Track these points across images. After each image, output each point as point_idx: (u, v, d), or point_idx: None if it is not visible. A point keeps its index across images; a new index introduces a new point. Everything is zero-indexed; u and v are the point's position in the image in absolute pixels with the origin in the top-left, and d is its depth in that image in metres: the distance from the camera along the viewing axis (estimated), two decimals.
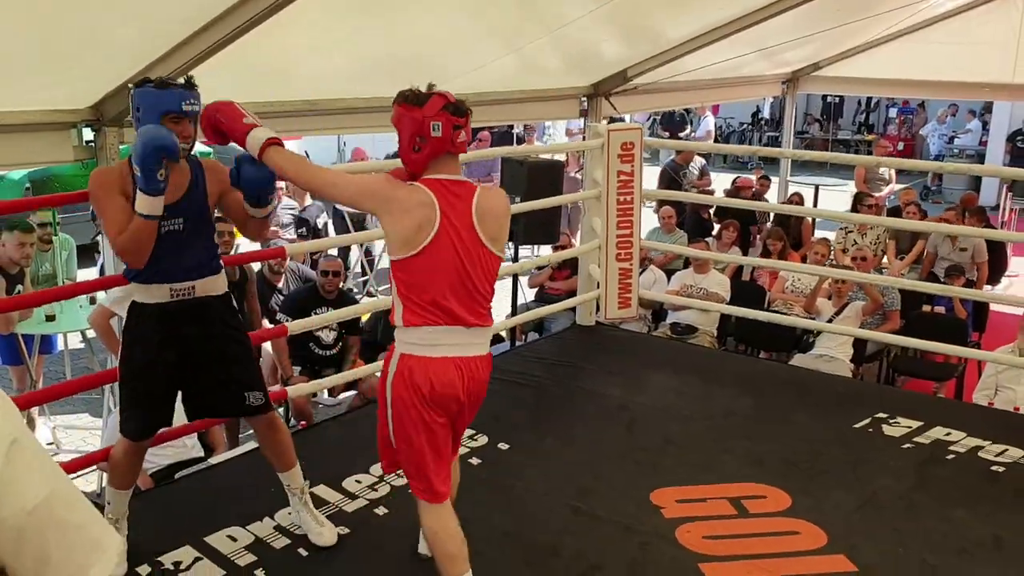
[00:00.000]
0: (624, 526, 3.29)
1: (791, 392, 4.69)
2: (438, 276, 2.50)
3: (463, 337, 2.54)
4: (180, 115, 2.73)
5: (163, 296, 2.80)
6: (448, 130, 2.50)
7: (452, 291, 2.51)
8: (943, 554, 3.16)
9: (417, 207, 2.47)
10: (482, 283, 2.58)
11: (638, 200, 5.07)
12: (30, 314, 5.09)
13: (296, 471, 3.10)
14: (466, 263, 2.52)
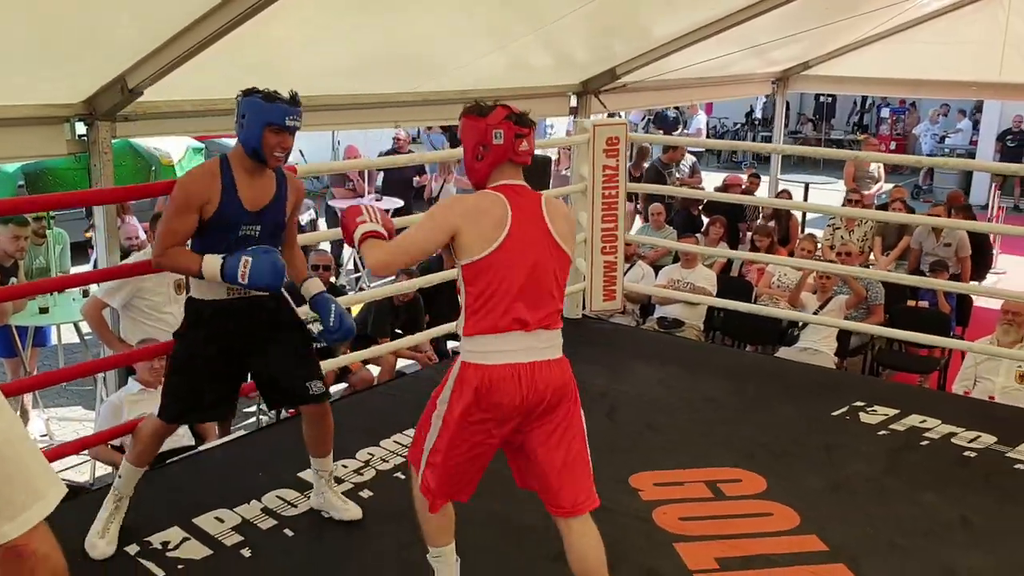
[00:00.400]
0: (603, 508, 3.34)
1: (772, 382, 4.78)
2: (511, 275, 2.47)
3: (529, 342, 2.50)
4: (282, 128, 2.84)
5: (220, 294, 2.93)
6: (510, 138, 2.52)
7: (522, 292, 2.48)
8: (911, 535, 3.25)
9: (490, 207, 2.49)
10: (556, 282, 2.57)
11: (623, 194, 5.17)
12: (24, 306, 5.17)
13: (329, 458, 3.23)
14: (541, 260, 2.51)
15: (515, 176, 2.58)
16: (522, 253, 2.47)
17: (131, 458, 3.10)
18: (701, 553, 3.08)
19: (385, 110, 6.16)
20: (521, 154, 2.55)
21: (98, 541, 3.01)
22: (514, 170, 2.58)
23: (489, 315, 2.47)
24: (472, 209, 2.48)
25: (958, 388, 5.34)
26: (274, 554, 3.04)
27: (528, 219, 2.51)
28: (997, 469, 3.79)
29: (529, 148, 2.58)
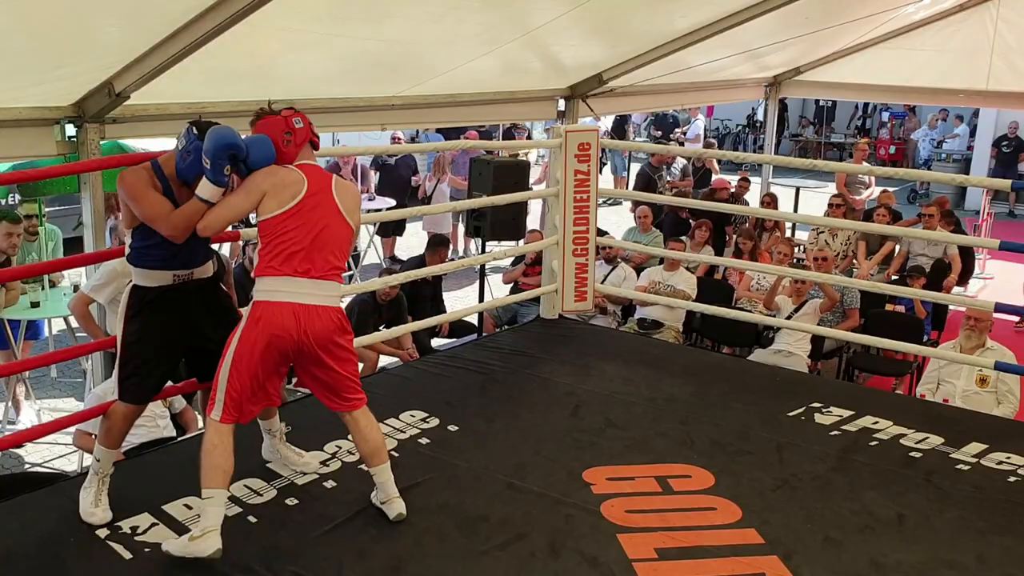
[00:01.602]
0: (553, 499, 3.54)
1: (734, 382, 4.92)
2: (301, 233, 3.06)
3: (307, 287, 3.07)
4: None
5: (165, 280, 3.23)
6: (306, 123, 3.20)
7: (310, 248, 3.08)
8: (847, 531, 3.40)
9: (292, 183, 3.09)
10: (339, 245, 3.17)
11: (594, 198, 5.32)
12: (16, 300, 5.36)
13: (276, 417, 3.67)
14: (329, 226, 3.12)
15: (312, 157, 3.23)
16: (310, 218, 3.07)
17: (102, 441, 3.32)
18: (642, 544, 3.23)
19: (371, 113, 6.31)
20: (315, 135, 3.25)
21: (95, 510, 3.25)
22: (310, 151, 3.22)
23: (273, 261, 3.06)
24: (279, 181, 3.07)
25: (923, 391, 5.48)
26: (236, 540, 3.18)
27: (320, 192, 3.11)
28: (939, 469, 3.92)
29: (305, 126, 3.21)
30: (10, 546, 3.12)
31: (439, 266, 5.64)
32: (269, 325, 3.03)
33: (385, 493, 3.30)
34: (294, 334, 3.04)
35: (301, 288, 3.05)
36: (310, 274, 3.06)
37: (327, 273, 3.11)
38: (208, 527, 2.99)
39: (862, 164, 10.26)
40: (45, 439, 5.76)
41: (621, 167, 14.04)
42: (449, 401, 4.46)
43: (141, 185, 3.14)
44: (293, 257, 3.05)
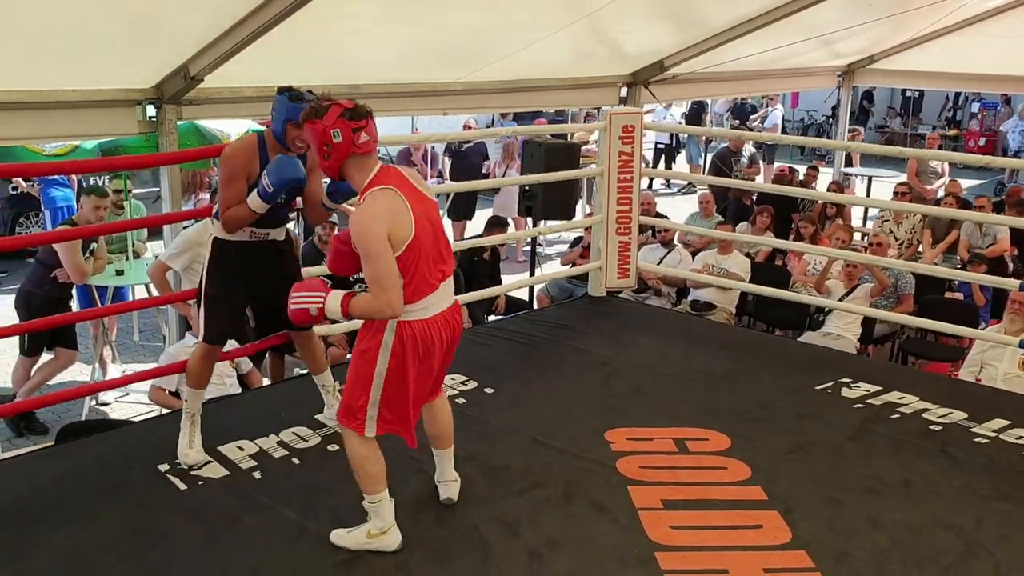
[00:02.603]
0: (573, 455, 3.78)
1: (768, 358, 5.07)
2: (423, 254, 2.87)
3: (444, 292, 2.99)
4: (299, 125, 3.20)
5: (244, 236, 3.51)
6: (348, 134, 2.78)
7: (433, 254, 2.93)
8: (851, 492, 3.55)
9: (400, 211, 2.81)
10: (443, 232, 3.04)
11: (637, 179, 5.52)
12: (103, 268, 5.85)
13: (327, 373, 3.90)
14: (433, 220, 2.96)
15: (371, 164, 2.86)
16: (424, 227, 2.86)
17: (189, 383, 3.68)
18: (650, 495, 3.45)
19: (434, 98, 6.61)
20: (363, 146, 2.81)
21: (189, 451, 3.61)
22: (365, 159, 2.84)
23: (419, 286, 2.87)
24: (388, 215, 2.77)
25: (965, 374, 5.52)
26: (280, 477, 3.54)
27: (414, 197, 2.87)
28: (956, 441, 4.03)
29: (370, 137, 2.82)
30: (81, 475, 3.52)
31: (489, 238, 5.91)
32: (422, 343, 2.91)
33: (442, 474, 3.34)
34: (447, 341, 3.01)
35: (437, 300, 2.94)
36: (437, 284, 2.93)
37: (445, 274, 2.99)
38: (385, 525, 3.04)
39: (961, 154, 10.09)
40: (128, 399, 6.28)
41: (697, 155, 14.09)
42: (489, 367, 4.73)
43: (230, 170, 3.43)
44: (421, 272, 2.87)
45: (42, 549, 3.01)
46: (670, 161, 14.61)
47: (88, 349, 6.41)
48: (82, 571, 2.92)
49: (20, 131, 4.95)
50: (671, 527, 3.24)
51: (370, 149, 2.86)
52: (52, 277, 5.60)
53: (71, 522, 3.18)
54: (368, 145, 2.84)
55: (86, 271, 5.64)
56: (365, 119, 2.82)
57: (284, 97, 3.37)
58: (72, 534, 3.10)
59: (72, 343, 5.83)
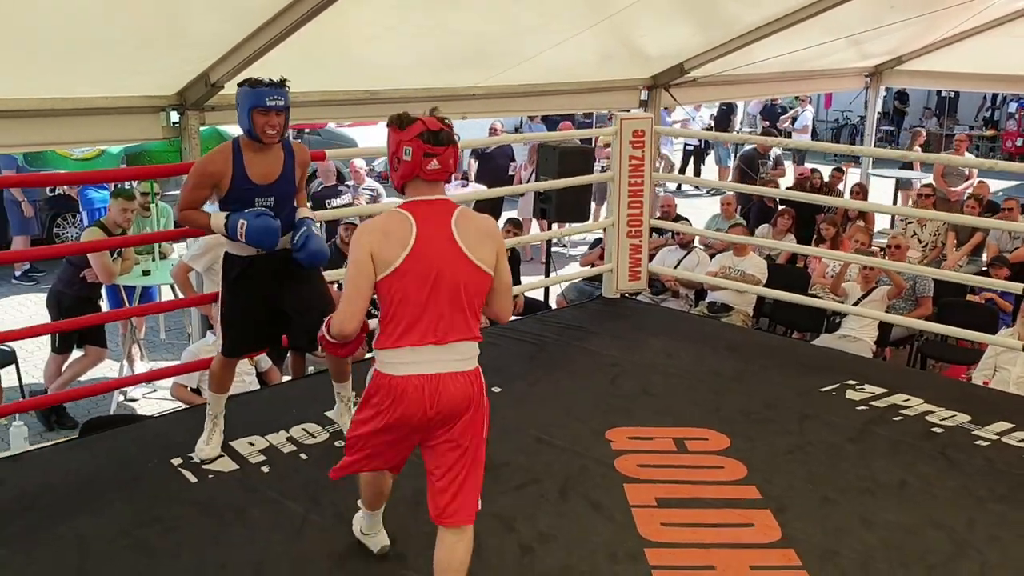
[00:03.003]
0: (573, 453, 3.87)
1: (778, 360, 5.12)
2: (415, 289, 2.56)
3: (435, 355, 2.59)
4: (265, 109, 3.30)
5: (249, 251, 3.50)
6: (418, 156, 2.55)
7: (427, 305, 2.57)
8: (846, 493, 3.60)
9: (396, 227, 2.57)
10: (465, 293, 2.60)
11: (647, 183, 5.59)
12: (130, 269, 6.05)
13: (348, 384, 3.88)
14: (446, 272, 2.56)
15: (430, 191, 2.61)
16: (426, 267, 2.54)
17: (211, 386, 3.79)
18: (645, 493, 3.53)
19: (454, 102, 6.71)
20: (430, 172, 2.57)
21: (204, 447, 3.73)
22: (428, 186, 2.61)
23: (396, 329, 2.58)
24: (379, 230, 2.58)
25: (978, 377, 5.51)
26: (287, 472, 3.66)
27: (434, 235, 2.56)
28: (956, 443, 4.05)
29: (441, 167, 2.58)
30: (99, 467, 3.68)
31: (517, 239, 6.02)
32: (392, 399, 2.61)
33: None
34: (429, 417, 2.61)
35: (422, 357, 2.58)
36: (426, 341, 2.57)
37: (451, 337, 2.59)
38: (370, 529, 3.10)
39: (964, 157, 10.00)
40: (155, 395, 6.46)
41: (726, 157, 14.07)
42: (498, 367, 4.80)
43: (198, 178, 3.47)
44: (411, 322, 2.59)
45: (56, 536, 3.15)
46: (699, 163, 14.60)
47: (117, 347, 6.61)
48: (93, 558, 3.05)
49: (49, 137, 5.16)
50: (662, 524, 3.32)
51: (437, 177, 2.61)
52: (81, 277, 5.79)
53: (86, 511, 3.32)
54: (436, 173, 2.60)
55: (114, 272, 5.83)
56: (444, 147, 2.58)
57: (243, 87, 3.38)
58: (86, 522, 3.25)
59: (101, 341, 6.02)
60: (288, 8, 4.67)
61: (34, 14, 4.07)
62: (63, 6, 4.11)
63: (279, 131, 3.38)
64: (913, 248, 8.58)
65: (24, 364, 6.37)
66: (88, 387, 4.53)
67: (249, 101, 3.32)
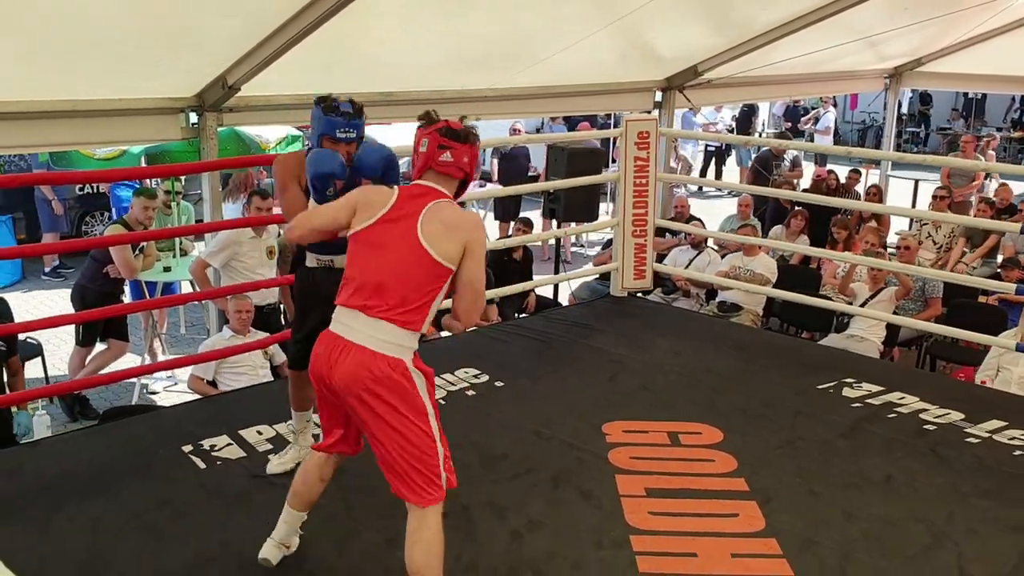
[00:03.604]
0: (569, 444, 3.99)
1: (780, 358, 5.20)
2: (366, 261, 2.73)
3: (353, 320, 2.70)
4: (335, 140, 3.24)
5: (312, 263, 3.46)
6: (433, 148, 2.73)
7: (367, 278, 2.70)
8: (832, 487, 3.69)
9: (377, 199, 2.76)
10: (409, 277, 2.68)
11: (652, 183, 5.69)
12: (152, 265, 6.25)
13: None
14: (398, 254, 2.68)
15: (436, 182, 2.75)
16: (379, 239, 2.70)
17: (292, 406, 3.70)
18: (635, 483, 3.64)
19: (468, 104, 6.83)
20: (441, 164, 2.74)
21: (275, 460, 3.72)
22: (437, 177, 2.75)
23: (343, 292, 2.76)
24: (367, 195, 2.81)
25: (980, 378, 5.56)
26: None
27: (403, 216, 2.70)
28: (947, 441, 4.12)
29: (453, 160, 2.74)
30: (114, 454, 3.85)
31: (512, 239, 6.14)
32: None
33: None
34: (327, 381, 2.72)
35: (343, 318, 2.73)
36: (351, 303, 2.71)
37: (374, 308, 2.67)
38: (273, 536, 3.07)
39: (973, 158, 9.98)
40: (176, 388, 6.65)
41: (746, 158, 14.10)
42: (503, 363, 4.96)
43: (283, 177, 3.40)
44: (348, 284, 2.76)
45: (70, 518, 3.32)
46: (720, 164, 14.64)
47: (140, 342, 6.82)
48: (104, 539, 3.21)
49: (74, 137, 5.36)
50: (650, 513, 3.43)
51: (447, 171, 2.75)
52: (104, 273, 5.99)
53: (100, 494, 3.49)
54: (447, 166, 2.74)
55: (135, 267, 6.03)
56: (459, 143, 2.75)
57: (319, 109, 3.29)
58: (99, 505, 3.41)
59: (124, 335, 6.22)
60: (302, 12, 4.83)
61: (59, 22, 4.25)
62: (87, 14, 4.29)
63: (348, 159, 3.27)
64: (928, 250, 8.61)
65: (51, 358, 6.60)
66: (107, 375, 4.71)
67: (321, 127, 3.27)
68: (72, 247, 6.78)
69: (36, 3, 4.12)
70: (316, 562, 3.12)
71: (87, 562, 3.07)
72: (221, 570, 3.08)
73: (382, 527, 3.23)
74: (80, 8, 4.26)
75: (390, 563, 3.04)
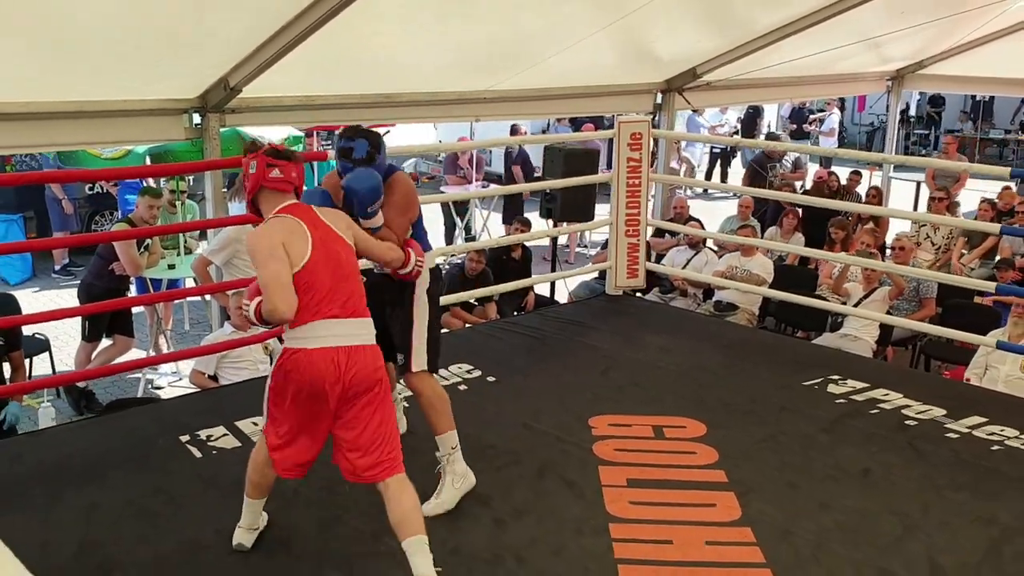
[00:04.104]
0: (556, 437, 4.10)
1: (769, 356, 5.29)
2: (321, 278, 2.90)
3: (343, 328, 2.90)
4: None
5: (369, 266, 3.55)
6: (261, 167, 2.96)
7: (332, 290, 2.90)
8: (810, 479, 3.78)
9: (297, 233, 2.89)
10: (355, 271, 2.98)
11: (645, 184, 5.79)
12: (156, 263, 6.39)
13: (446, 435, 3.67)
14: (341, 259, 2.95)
15: (283, 200, 2.97)
16: (326, 259, 2.90)
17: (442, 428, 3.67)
18: (617, 474, 3.75)
19: (468, 105, 6.95)
20: (271, 181, 2.97)
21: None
22: (276, 195, 2.98)
23: (306, 310, 2.87)
24: (282, 231, 2.88)
25: (970, 376, 5.63)
26: None
27: (316, 226, 2.93)
28: (927, 435, 4.21)
29: (283, 176, 2.97)
30: (113, 444, 3.97)
31: (509, 237, 6.25)
32: (303, 372, 2.88)
33: (416, 571, 2.85)
34: (343, 384, 2.88)
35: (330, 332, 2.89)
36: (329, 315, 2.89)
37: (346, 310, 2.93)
38: (245, 523, 3.20)
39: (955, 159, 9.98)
40: (181, 383, 6.78)
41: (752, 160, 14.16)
42: (497, 359, 5.06)
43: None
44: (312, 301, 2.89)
45: (68, 504, 3.45)
46: (725, 165, 14.72)
47: (145, 338, 6.96)
48: (101, 524, 3.34)
49: (80, 137, 5.50)
50: (630, 502, 3.53)
51: (280, 187, 2.98)
52: (110, 270, 6.13)
53: (98, 482, 3.62)
54: (278, 182, 2.97)
55: (140, 264, 6.16)
56: (283, 160, 3.00)
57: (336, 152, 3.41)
58: (97, 492, 3.54)
59: (129, 331, 6.36)
60: (302, 15, 4.93)
61: (67, 26, 4.38)
62: (94, 18, 4.41)
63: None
64: (926, 250, 8.68)
65: (59, 354, 6.74)
66: (108, 367, 4.84)
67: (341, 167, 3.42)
68: (77, 242, 6.95)
69: (45, 8, 4.24)
70: (302, 547, 3.23)
71: (85, 547, 3.19)
72: (215, 556, 3.19)
73: (367, 513, 3.33)
74: (87, 13, 4.38)
75: (376, 548, 3.15)
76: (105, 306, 5.39)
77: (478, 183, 10.07)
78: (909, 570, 3.14)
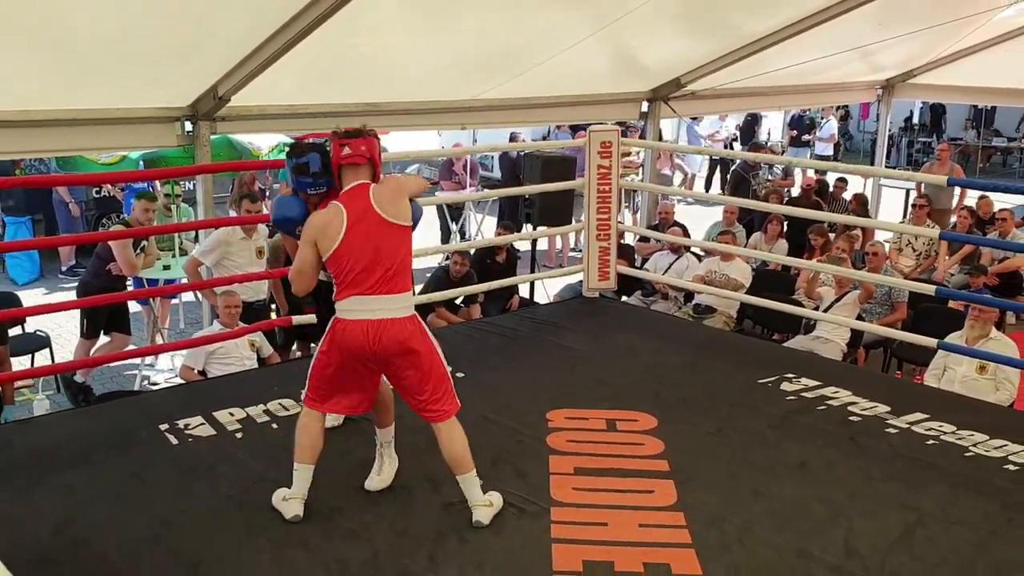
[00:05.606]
0: (512, 429, 4.33)
1: (730, 356, 5.50)
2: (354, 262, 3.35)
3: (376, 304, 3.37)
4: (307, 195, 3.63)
5: None
6: (336, 149, 3.42)
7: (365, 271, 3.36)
8: (750, 470, 3.99)
9: (332, 219, 3.36)
10: (397, 254, 3.40)
11: (615, 190, 6.01)
12: (152, 263, 6.68)
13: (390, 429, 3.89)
14: (380, 244, 3.36)
15: (354, 176, 3.43)
16: (361, 246, 3.34)
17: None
18: (565, 463, 3.97)
19: (453, 114, 7.20)
20: (344, 157, 3.41)
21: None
22: (349, 170, 3.43)
23: (343, 287, 3.40)
24: (321, 225, 3.38)
25: (929, 377, 5.82)
26: (257, 438, 4.19)
27: (361, 217, 3.34)
28: (868, 431, 4.41)
29: (353, 151, 3.40)
30: (97, 432, 4.24)
31: (493, 239, 6.48)
32: (343, 336, 3.40)
33: (468, 498, 3.52)
34: (373, 351, 3.38)
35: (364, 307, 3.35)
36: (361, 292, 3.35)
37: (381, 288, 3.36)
38: (291, 494, 3.52)
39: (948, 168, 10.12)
40: (176, 380, 7.05)
41: None
42: (469, 356, 5.29)
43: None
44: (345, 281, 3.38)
45: (51, 487, 3.71)
46: (725, 173, 14.90)
47: (142, 336, 7.25)
48: (80, 505, 3.59)
49: (77, 143, 5.80)
50: (573, 488, 3.76)
51: (352, 161, 3.42)
52: (107, 270, 6.42)
53: (81, 467, 3.88)
54: (350, 158, 3.41)
55: (136, 265, 6.45)
56: (352, 139, 3.41)
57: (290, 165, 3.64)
58: (79, 476, 3.80)
59: (126, 328, 6.64)
60: (287, 25, 5.16)
61: (62, 33, 4.65)
62: (89, 26, 4.68)
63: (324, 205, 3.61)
64: (907, 257, 8.86)
65: (60, 351, 7.04)
66: (99, 357, 5.12)
67: (293, 183, 3.67)
68: (77, 240, 7.26)
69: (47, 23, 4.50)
70: (262, 523, 3.48)
71: (59, 525, 3.44)
72: (179, 533, 3.43)
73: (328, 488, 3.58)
74: (85, 22, 4.64)
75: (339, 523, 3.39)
76: (97, 300, 5.67)
77: (472, 189, 10.32)
78: (826, 552, 3.34)
